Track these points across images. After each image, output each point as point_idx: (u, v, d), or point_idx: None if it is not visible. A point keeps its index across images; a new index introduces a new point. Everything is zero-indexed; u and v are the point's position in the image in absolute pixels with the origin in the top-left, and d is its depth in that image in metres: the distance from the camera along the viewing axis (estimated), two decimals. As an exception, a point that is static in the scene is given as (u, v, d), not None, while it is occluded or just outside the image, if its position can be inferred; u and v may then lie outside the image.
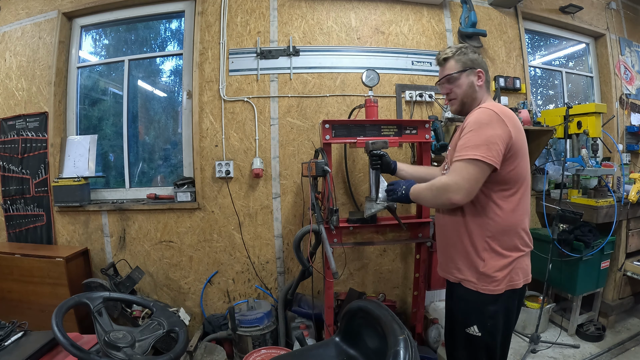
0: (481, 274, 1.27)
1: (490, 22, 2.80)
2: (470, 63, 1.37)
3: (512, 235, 1.27)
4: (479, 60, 1.38)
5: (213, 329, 2.35)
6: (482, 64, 1.38)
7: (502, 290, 1.26)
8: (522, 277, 1.30)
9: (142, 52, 2.74)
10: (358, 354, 1.30)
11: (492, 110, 1.21)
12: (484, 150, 1.16)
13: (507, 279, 1.26)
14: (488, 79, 1.40)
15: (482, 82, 1.37)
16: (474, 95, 1.37)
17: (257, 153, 2.49)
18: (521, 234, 1.29)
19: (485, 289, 1.27)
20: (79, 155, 2.54)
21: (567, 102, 2.45)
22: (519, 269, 1.28)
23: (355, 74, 2.54)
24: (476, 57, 1.38)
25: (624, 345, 2.37)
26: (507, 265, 1.26)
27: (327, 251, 1.68)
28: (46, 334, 1.35)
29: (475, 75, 1.37)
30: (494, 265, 1.26)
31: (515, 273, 1.27)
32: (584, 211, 2.34)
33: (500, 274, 1.26)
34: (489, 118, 1.21)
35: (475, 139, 1.19)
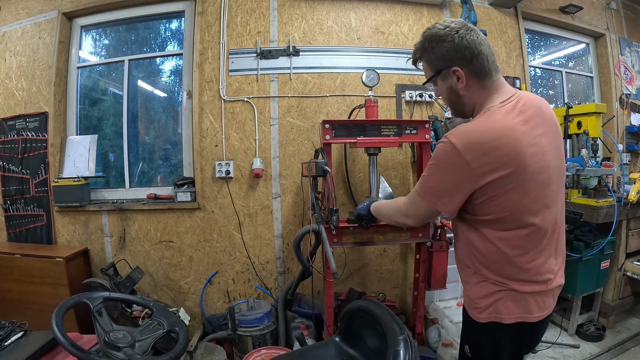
0: (467, 296, 1.15)
1: (490, 22, 2.80)
2: (439, 62, 1.04)
3: (503, 265, 1.02)
4: (452, 51, 1.00)
5: (213, 329, 2.35)
6: (459, 54, 0.99)
7: (484, 320, 1.07)
8: (515, 312, 1.03)
9: (142, 52, 2.74)
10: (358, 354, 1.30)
11: (452, 144, 0.93)
12: (432, 195, 1.02)
13: (490, 309, 1.05)
14: (477, 68, 1.00)
15: (463, 84, 1.03)
16: (460, 101, 1.07)
17: (257, 153, 2.49)
18: (519, 268, 1.01)
19: (470, 312, 1.13)
20: (79, 155, 2.54)
21: (567, 102, 2.45)
22: (510, 302, 1.03)
23: (355, 74, 2.54)
24: (448, 47, 1.00)
25: (624, 345, 2.37)
26: (491, 294, 1.05)
27: (327, 251, 1.68)
28: (46, 334, 1.35)
29: (453, 76, 1.03)
30: (477, 291, 1.09)
31: (503, 305, 1.03)
32: (584, 211, 2.34)
33: (483, 302, 1.07)
34: (448, 158, 0.95)
35: (430, 177, 1.02)
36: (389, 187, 2.01)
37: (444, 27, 1.02)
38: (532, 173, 0.95)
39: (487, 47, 1.02)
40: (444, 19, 2.70)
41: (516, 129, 0.94)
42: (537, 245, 1.01)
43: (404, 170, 2.61)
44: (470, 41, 0.99)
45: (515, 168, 0.92)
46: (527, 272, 1.02)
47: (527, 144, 0.93)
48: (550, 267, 1.05)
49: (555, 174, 1.03)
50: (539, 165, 0.96)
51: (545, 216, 1.01)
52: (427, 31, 1.06)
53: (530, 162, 0.94)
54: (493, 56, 1.04)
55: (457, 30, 1.00)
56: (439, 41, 1.02)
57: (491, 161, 0.91)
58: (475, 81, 1.03)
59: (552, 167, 1.01)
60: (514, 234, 0.99)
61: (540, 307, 1.05)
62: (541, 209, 0.99)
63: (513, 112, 0.97)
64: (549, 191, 1.00)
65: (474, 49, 0.99)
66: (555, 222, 1.05)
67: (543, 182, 0.98)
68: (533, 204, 0.98)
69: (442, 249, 2.00)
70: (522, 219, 0.98)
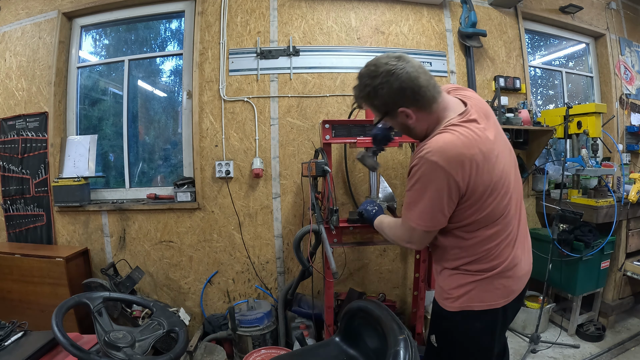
0: (439, 287, 1.20)
1: (490, 22, 2.80)
2: (384, 107, 1.06)
3: (475, 258, 1.09)
4: (394, 95, 1.00)
5: (213, 329, 2.35)
6: (401, 95, 1.00)
7: (456, 309, 1.12)
8: (487, 299, 1.09)
9: (142, 52, 2.74)
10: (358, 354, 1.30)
11: (433, 161, 0.95)
12: (427, 220, 1.04)
13: (463, 299, 1.11)
14: (422, 102, 1.02)
15: (413, 119, 1.05)
16: (413, 132, 1.11)
17: (257, 153, 2.49)
18: (489, 259, 1.08)
19: (440, 302, 1.19)
20: (79, 155, 2.54)
21: (567, 102, 2.45)
22: (481, 291, 1.09)
23: (355, 74, 2.51)
24: (388, 93, 1.00)
25: (624, 345, 2.37)
26: (463, 285, 1.11)
27: (327, 251, 1.68)
28: (46, 334, 1.35)
29: (401, 115, 1.05)
30: (451, 282, 1.14)
31: (475, 294, 1.10)
32: (584, 211, 2.34)
33: (456, 292, 1.12)
34: (431, 176, 0.97)
35: (418, 202, 1.03)
36: (389, 187, 2.01)
37: (378, 73, 1.01)
38: (499, 173, 1.02)
39: (424, 74, 1.01)
40: (444, 19, 2.72)
41: (482, 138, 1.00)
42: (505, 236, 1.08)
43: (404, 170, 2.61)
44: (407, 79, 0.98)
45: (488, 174, 0.99)
46: (496, 260, 1.08)
47: (491, 149, 1.01)
48: (516, 254, 1.12)
49: (509, 164, 1.09)
50: (501, 165, 1.04)
51: (511, 208, 1.08)
52: (363, 80, 1.06)
53: (497, 165, 1.01)
54: (432, 79, 1.04)
55: (392, 72, 0.99)
56: (378, 89, 1.02)
57: (470, 170, 0.97)
58: (423, 113, 1.05)
59: (506, 160, 1.08)
60: (486, 231, 1.06)
61: (508, 292, 1.12)
62: (507, 203, 1.06)
63: (473, 124, 1.02)
64: (508, 182, 1.07)
65: (414, 86, 0.99)
66: (518, 210, 1.13)
67: (505, 177, 1.05)
68: (502, 200, 1.04)
69: (442, 249, 1.99)
70: (494, 217, 1.05)
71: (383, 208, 1.53)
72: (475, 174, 0.97)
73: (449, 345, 1.20)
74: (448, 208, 1.01)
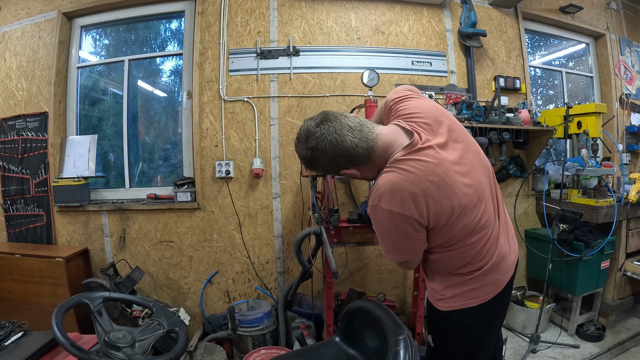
0: (432, 289, 1.19)
1: (490, 22, 2.80)
2: (328, 171, 1.12)
3: (462, 264, 1.08)
4: (331, 162, 1.01)
5: (213, 329, 2.35)
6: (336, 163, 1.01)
7: (450, 308, 1.12)
8: (481, 294, 1.10)
9: (142, 52, 2.74)
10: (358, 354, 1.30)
11: (386, 210, 0.95)
12: (404, 254, 1.07)
13: (456, 298, 1.11)
14: (359, 158, 1.00)
15: (358, 173, 1.05)
16: (370, 177, 1.09)
17: (257, 153, 2.49)
18: (477, 259, 1.07)
19: (434, 303, 1.18)
20: (79, 155, 2.54)
21: (567, 102, 2.45)
22: (474, 289, 1.10)
23: (355, 74, 2.54)
24: (324, 163, 1.01)
25: (624, 345, 2.37)
26: (456, 285, 1.11)
27: (327, 251, 1.69)
28: (46, 334, 1.35)
29: (347, 172, 1.05)
30: (443, 282, 1.14)
31: (468, 292, 1.10)
32: (584, 211, 2.34)
33: (450, 292, 1.12)
34: (387, 219, 0.97)
35: (388, 243, 1.06)
36: None
37: (308, 148, 1.00)
38: (462, 191, 0.98)
39: (349, 131, 0.98)
40: (444, 19, 2.72)
41: (433, 165, 0.95)
42: (488, 237, 1.06)
43: (404, 170, 2.61)
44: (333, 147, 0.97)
45: (448, 199, 0.95)
46: (484, 259, 1.07)
47: (446, 172, 0.96)
48: (502, 247, 1.11)
49: (475, 167, 1.05)
50: (464, 179, 0.99)
51: (487, 212, 1.05)
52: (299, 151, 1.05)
53: (456, 185, 0.96)
54: (363, 128, 1.00)
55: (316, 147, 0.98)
56: (314, 161, 1.03)
57: (425, 205, 0.94)
58: (364, 166, 1.03)
59: (477, 167, 1.05)
60: (466, 241, 1.04)
61: (500, 284, 1.12)
62: (481, 211, 1.03)
63: (420, 152, 0.97)
64: (479, 190, 1.03)
65: (342, 151, 0.98)
66: (496, 206, 1.12)
67: (473, 187, 1.00)
68: (473, 212, 1.01)
69: (442, 249, 1.99)
70: (470, 229, 1.02)
71: None
72: (433, 205, 0.95)
73: (447, 343, 1.21)
74: (419, 239, 1.02)
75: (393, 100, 1.15)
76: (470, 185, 1.00)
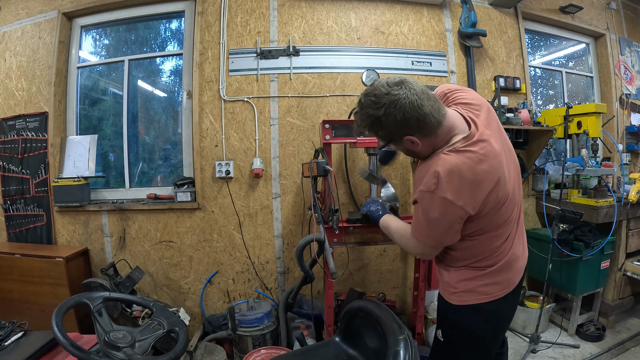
0: (445, 282, 1.22)
1: (490, 22, 2.80)
2: (389, 136, 1.05)
3: (480, 257, 1.14)
4: (398, 125, 0.98)
5: (213, 329, 2.35)
6: (405, 126, 0.98)
7: (462, 302, 1.17)
8: (491, 292, 1.15)
9: (142, 52, 2.74)
10: (358, 354, 1.30)
11: (439, 196, 0.97)
12: (437, 240, 1.10)
13: (468, 293, 1.15)
14: (427, 129, 0.99)
15: (418, 145, 1.03)
16: (419, 155, 1.10)
17: (257, 153, 2.49)
18: (492, 255, 1.13)
19: (447, 297, 1.22)
20: (79, 155, 2.54)
21: (567, 102, 2.45)
22: (485, 285, 1.14)
23: (355, 74, 2.54)
24: (391, 125, 0.98)
25: (624, 345, 2.37)
26: (470, 279, 1.15)
27: (326, 252, 1.69)
28: (46, 334, 1.35)
29: (406, 142, 1.03)
30: (457, 276, 1.17)
31: (480, 288, 1.14)
32: (584, 211, 2.34)
33: (462, 285, 1.16)
34: (437, 207, 0.99)
35: (428, 231, 1.08)
36: (392, 187, 2.00)
37: (381, 105, 0.97)
38: (506, 187, 1.04)
39: (427, 99, 0.97)
40: (444, 19, 2.72)
41: (489, 157, 0.99)
42: (508, 235, 1.13)
43: (404, 170, 2.61)
44: (411, 109, 0.95)
45: (495, 193, 1.00)
46: (500, 256, 1.13)
47: (499, 165, 1.02)
48: (516, 248, 1.17)
49: (511, 168, 1.11)
50: (507, 175, 1.05)
51: (514, 211, 1.13)
52: (365, 110, 1.01)
53: (503, 180, 1.02)
54: (437, 102, 1.01)
55: (394, 103, 0.95)
56: (381, 121, 0.99)
57: (478, 195, 0.98)
58: (429, 138, 1.03)
59: (510, 165, 1.10)
60: (490, 234, 1.10)
61: (510, 283, 1.17)
62: (511, 209, 1.10)
63: (479, 144, 1.00)
64: (513, 189, 1.09)
65: (418, 115, 0.96)
66: (518, 209, 1.17)
67: (510, 185, 1.07)
68: (507, 209, 1.08)
69: (442, 249, 1.99)
70: (498, 223, 1.09)
71: (386, 208, 1.54)
72: (485, 194, 0.99)
73: (456, 339, 1.23)
74: (457, 230, 1.06)
75: (448, 89, 1.19)
76: (509, 186, 1.06)
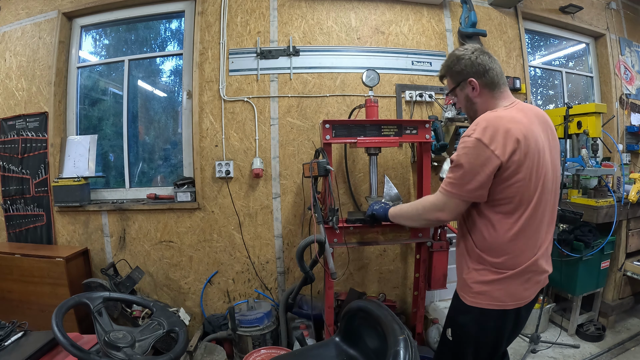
0: (462, 279, 1.27)
1: (490, 22, 2.80)
2: (459, 76, 1.26)
3: (503, 254, 1.16)
4: (469, 66, 1.23)
5: (213, 329, 2.35)
6: (474, 69, 1.23)
7: (475, 304, 1.21)
8: (505, 300, 1.18)
9: (142, 52, 2.74)
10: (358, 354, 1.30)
11: (476, 139, 1.09)
12: (462, 188, 1.14)
13: (483, 296, 1.19)
14: (488, 80, 1.23)
15: (477, 92, 1.24)
16: (473, 107, 1.28)
17: (257, 153, 2.49)
18: (514, 258, 1.16)
19: (462, 295, 1.27)
20: (79, 155, 2.54)
21: (567, 102, 2.45)
22: (502, 291, 1.17)
23: (355, 74, 2.54)
24: (465, 63, 1.24)
25: (624, 345, 2.37)
26: (487, 282, 1.19)
27: (326, 252, 1.69)
28: (46, 334, 1.35)
29: (469, 86, 1.25)
30: (475, 276, 1.21)
31: (496, 292, 1.18)
32: (584, 211, 2.33)
33: (478, 287, 1.20)
34: (471, 148, 1.10)
35: (458, 174, 1.14)
36: (394, 187, 2.00)
37: (463, 50, 1.27)
38: (533, 159, 1.11)
39: (498, 66, 1.26)
40: (444, 19, 2.72)
41: (519, 119, 1.13)
42: (531, 236, 1.17)
43: (404, 170, 2.61)
44: (483, 60, 1.23)
45: (524, 150, 1.09)
46: (519, 259, 1.16)
47: (528, 132, 1.12)
48: (539, 259, 1.19)
49: (551, 173, 1.19)
50: (538, 155, 1.13)
51: (541, 203, 1.16)
52: (450, 53, 1.32)
53: (532, 147, 1.11)
54: (503, 74, 1.27)
55: (472, 51, 1.25)
56: (459, 59, 1.26)
57: (510, 146, 1.07)
58: (487, 91, 1.24)
59: (548, 163, 1.18)
60: (516, 218, 1.14)
61: (524, 296, 1.20)
62: (537, 196, 1.14)
63: (513, 109, 1.19)
64: (545, 181, 1.16)
65: (486, 65, 1.23)
66: (548, 213, 1.20)
67: (541, 172, 1.14)
68: (532, 184, 1.13)
69: (442, 249, 2.00)
70: (529, 200, 1.13)
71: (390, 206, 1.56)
72: (512, 147, 1.07)
73: (463, 339, 1.26)
74: (485, 176, 1.10)
75: None
76: (540, 164, 1.14)
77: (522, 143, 1.08)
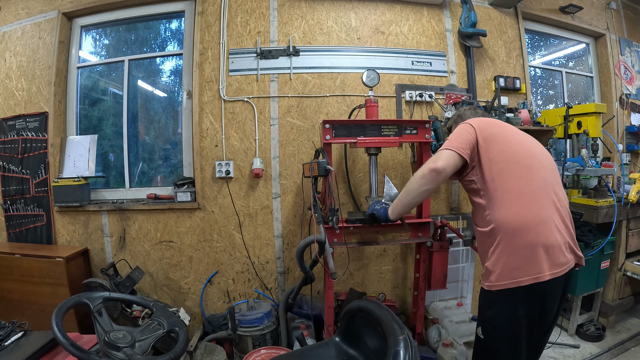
0: (486, 267, 1.33)
1: (490, 22, 2.80)
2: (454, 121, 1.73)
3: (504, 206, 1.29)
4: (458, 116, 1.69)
5: (213, 329, 2.35)
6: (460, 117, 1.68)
7: (496, 287, 1.26)
8: (530, 272, 1.22)
9: (142, 52, 2.74)
10: (358, 354, 1.30)
11: (471, 125, 1.43)
12: (450, 143, 1.38)
13: (504, 275, 1.24)
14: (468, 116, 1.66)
15: None
16: None
17: (257, 153, 2.49)
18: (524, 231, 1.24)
19: (485, 285, 1.31)
20: (79, 155, 2.54)
21: (567, 102, 2.45)
22: (524, 263, 1.23)
23: (355, 74, 2.54)
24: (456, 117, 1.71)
25: (624, 345, 2.37)
26: (500, 256, 1.27)
27: (326, 252, 1.69)
28: (46, 334, 1.35)
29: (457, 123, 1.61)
30: (493, 260, 1.28)
31: (519, 265, 1.23)
32: (584, 211, 2.34)
33: (498, 267, 1.26)
34: (465, 129, 1.43)
35: (453, 138, 1.42)
36: (394, 187, 2.00)
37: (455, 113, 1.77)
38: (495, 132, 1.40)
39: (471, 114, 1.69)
40: (444, 19, 2.72)
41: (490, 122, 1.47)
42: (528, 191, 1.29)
43: (404, 170, 2.61)
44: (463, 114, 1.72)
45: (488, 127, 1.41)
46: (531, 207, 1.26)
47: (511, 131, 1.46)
48: (550, 226, 1.26)
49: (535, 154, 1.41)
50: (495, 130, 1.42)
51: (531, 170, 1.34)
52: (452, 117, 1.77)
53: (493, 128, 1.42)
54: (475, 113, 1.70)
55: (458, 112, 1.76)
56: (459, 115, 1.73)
57: (487, 130, 1.39)
58: None
59: (538, 157, 1.40)
60: (507, 182, 1.30)
61: (536, 268, 1.22)
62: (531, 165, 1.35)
63: None
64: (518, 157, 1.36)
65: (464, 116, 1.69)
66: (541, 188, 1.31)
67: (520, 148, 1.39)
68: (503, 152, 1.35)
69: (442, 249, 2.00)
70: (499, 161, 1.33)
71: None
72: (485, 125, 1.42)
73: (491, 336, 1.32)
74: (468, 134, 1.38)
75: None
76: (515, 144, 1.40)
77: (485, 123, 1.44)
